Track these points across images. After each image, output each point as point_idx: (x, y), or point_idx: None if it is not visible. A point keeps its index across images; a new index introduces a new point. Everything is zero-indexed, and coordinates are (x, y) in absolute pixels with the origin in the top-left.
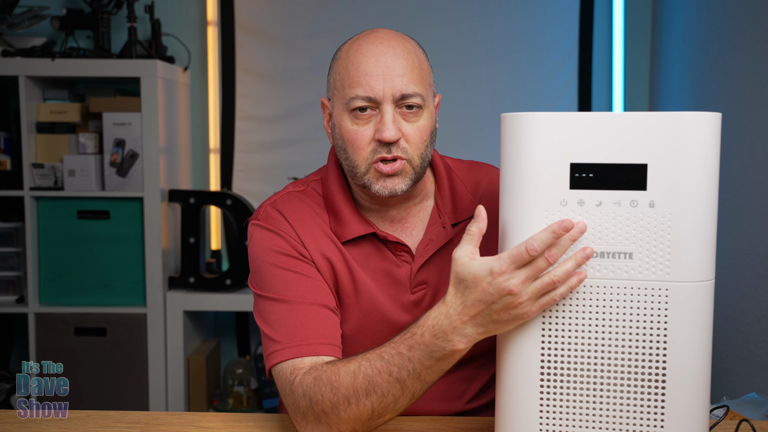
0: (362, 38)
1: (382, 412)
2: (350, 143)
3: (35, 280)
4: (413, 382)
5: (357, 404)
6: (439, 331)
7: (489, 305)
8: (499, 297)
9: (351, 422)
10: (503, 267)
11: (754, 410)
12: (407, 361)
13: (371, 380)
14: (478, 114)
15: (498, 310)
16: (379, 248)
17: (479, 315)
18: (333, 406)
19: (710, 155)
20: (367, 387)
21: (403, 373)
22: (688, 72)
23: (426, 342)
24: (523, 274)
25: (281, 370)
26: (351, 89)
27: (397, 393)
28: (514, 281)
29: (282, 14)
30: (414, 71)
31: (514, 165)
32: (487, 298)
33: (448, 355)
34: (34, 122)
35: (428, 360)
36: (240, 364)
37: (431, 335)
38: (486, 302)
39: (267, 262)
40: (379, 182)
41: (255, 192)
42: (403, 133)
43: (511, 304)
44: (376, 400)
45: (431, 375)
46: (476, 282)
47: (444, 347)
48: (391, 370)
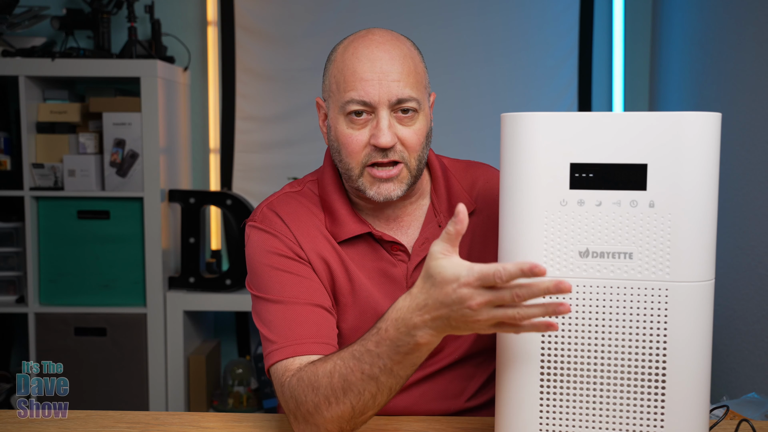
0: (357, 40)
1: (362, 409)
2: (345, 147)
3: (35, 280)
4: (387, 378)
5: (337, 404)
6: (402, 325)
7: (449, 310)
8: (459, 307)
9: (335, 421)
10: (470, 279)
11: (754, 410)
12: (377, 358)
13: (346, 379)
14: (478, 114)
15: (456, 318)
16: (375, 248)
17: (439, 318)
18: (316, 407)
19: (710, 155)
20: (344, 386)
21: (375, 369)
22: (688, 72)
23: (391, 337)
24: (486, 296)
25: (276, 371)
26: (346, 93)
27: (373, 390)
28: (477, 299)
29: (282, 14)
30: (410, 75)
31: (514, 165)
32: (448, 303)
33: (414, 349)
34: (34, 122)
35: (396, 355)
36: (240, 364)
37: (395, 329)
38: (447, 306)
39: (263, 264)
40: (373, 188)
41: (255, 192)
42: (400, 137)
43: (469, 318)
44: (354, 398)
45: (403, 369)
46: (443, 284)
47: (408, 342)
48: (363, 368)
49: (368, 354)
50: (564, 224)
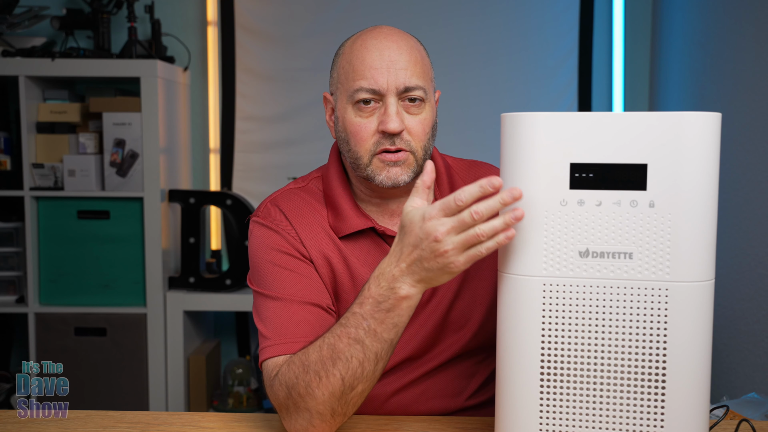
0: (366, 34)
1: (352, 381)
2: (353, 135)
3: (35, 280)
4: (371, 341)
5: (327, 376)
6: (382, 279)
7: (420, 250)
8: (428, 243)
9: (327, 400)
10: (433, 213)
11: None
12: (361, 319)
13: (334, 347)
14: (478, 114)
15: (427, 257)
16: (378, 242)
17: (414, 262)
18: (307, 386)
19: (710, 155)
20: (332, 355)
21: (360, 332)
22: (688, 72)
23: (373, 294)
24: (449, 222)
25: (266, 367)
26: (355, 82)
27: (359, 355)
28: (441, 228)
29: (282, 14)
30: (417, 65)
31: (514, 165)
32: (417, 243)
33: (396, 305)
34: (34, 122)
35: (378, 312)
36: (240, 364)
37: (376, 285)
38: (417, 246)
39: (265, 260)
40: (383, 173)
41: (255, 192)
42: (406, 125)
43: (437, 251)
44: (342, 367)
45: (386, 331)
46: (411, 226)
47: (389, 296)
48: (349, 332)
49: (353, 316)
50: (564, 224)
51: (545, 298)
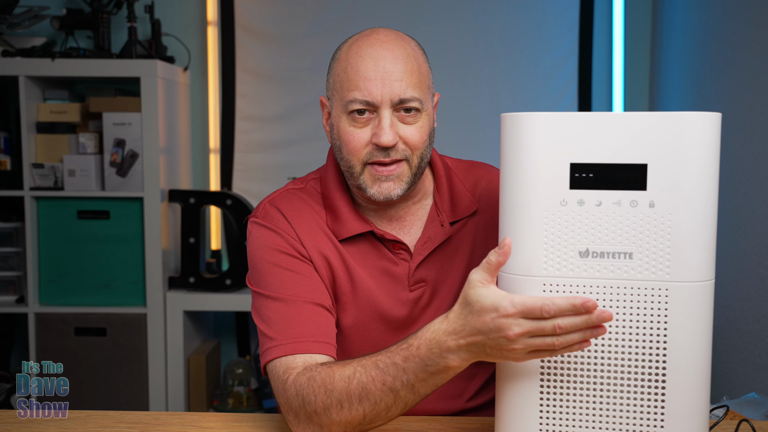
0: (362, 39)
1: (373, 418)
2: (346, 144)
3: (35, 280)
4: (406, 393)
5: (350, 409)
6: (435, 346)
7: (486, 337)
8: (497, 335)
9: (342, 425)
10: (510, 310)
11: (754, 410)
12: (402, 372)
13: (365, 387)
14: (478, 114)
15: (491, 346)
16: (377, 246)
17: (474, 344)
18: (326, 408)
19: (710, 155)
20: (361, 393)
21: (397, 383)
22: (688, 72)
23: (422, 355)
24: (526, 326)
25: (274, 367)
26: (349, 92)
27: (389, 402)
28: (516, 330)
29: (282, 14)
30: (413, 75)
31: (514, 165)
32: (485, 331)
33: (442, 371)
34: (34, 122)
35: (422, 373)
36: (240, 364)
37: (427, 349)
38: (483, 334)
39: (264, 260)
40: (374, 186)
41: (255, 192)
42: (401, 136)
43: (504, 346)
44: (368, 407)
45: (425, 387)
46: (481, 312)
47: (438, 363)
48: (385, 380)
49: (394, 367)
50: (564, 224)
51: None
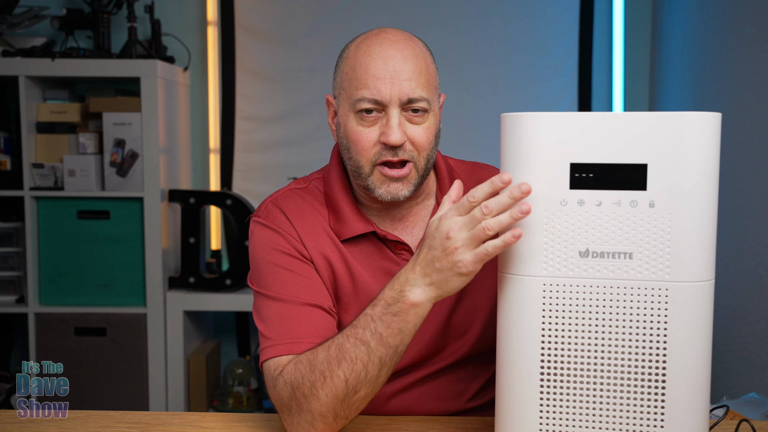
0: (371, 38)
1: (355, 384)
2: (355, 143)
3: (35, 280)
4: (377, 344)
5: (331, 377)
6: (396, 282)
7: (433, 250)
8: (440, 240)
9: (330, 402)
10: (448, 213)
11: (754, 410)
12: (370, 320)
13: (341, 347)
14: (478, 114)
15: (439, 256)
16: (379, 247)
17: (427, 264)
18: (312, 386)
19: (710, 155)
20: (338, 354)
21: (366, 333)
22: (688, 72)
23: (385, 297)
24: (461, 220)
25: (268, 367)
26: (358, 91)
27: (364, 358)
28: (453, 225)
29: (282, 14)
30: (421, 75)
31: (514, 165)
32: (432, 243)
33: (403, 309)
34: (34, 122)
35: (386, 315)
36: (240, 364)
37: (389, 288)
38: (431, 247)
39: (266, 260)
40: (382, 186)
41: (255, 192)
42: (409, 136)
43: (448, 248)
44: (346, 368)
45: (392, 336)
46: (429, 231)
47: (398, 299)
48: (357, 332)
49: (363, 317)
50: (564, 224)
51: (545, 299)
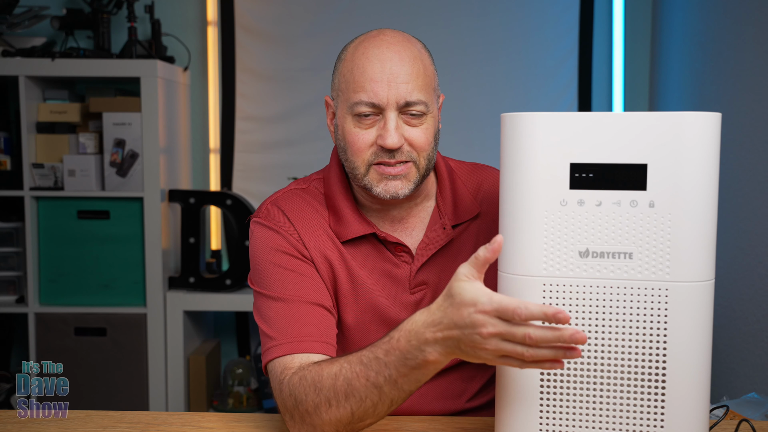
0: (368, 40)
1: (362, 416)
2: (351, 145)
3: (35, 280)
4: (390, 389)
5: (337, 407)
6: (414, 338)
7: (461, 332)
8: (471, 331)
9: (333, 424)
10: (486, 307)
11: (754, 410)
12: (384, 367)
13: (350, 384)
14: (478, 114)
15: (465, 342)
16: (379, 248)
17: (450, 338)
18: (316, 407)
19: (710, 155)
20: (347, 390)
21: (380, 378)
22: (688, 72)
23: (401, 348)
24: (499, 327)
25: (273, 367)
26: (355, 94)
27: (375, 398)
28: (490, 328)
29: (282, 14)
30: (419, 78)
31: (514, 165)
32: (461, 325)
33: (422, 365)
34: (34, 122)
35: (403, 367)
36: (240, 364)
37: (406, 341)
38: (459, 328)
39: (266, 260)
40: (380, 185)
41: (255, 192)
42: (407, 138)
43: (477, 344)
44: (355, 404)
45: (408, 383)
46: (461, 305)
47: (417, 356)
48: (369, 375)
49: (376, 361)
50: (564, 224)
51: (545, 298)
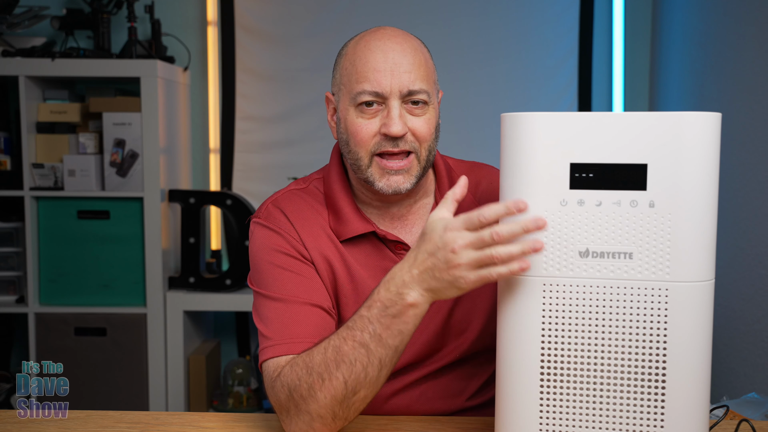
0: (369, 34)
1: (354, 385)
2: (354, 135)
3: (35, 280)
4: (376, 346)
5: (330, 379)
6: (392, 283)
7: (435, 258)
8: (444, 252)
9: (329, 403)
10: (455, 224)
11: (754, 410)
12: (367, 322)
13: (339, 349)
14: (478, 114)
15: (440, 267)
16: (379, 247)
17: (426, 270)
18: (309, 388)
19: (710, 155)
20: (336, 357)
21: (365, 335)
22: (688, 72)
23: (381, 298)
24: (468, 237)
25: (267, 367)
26: (358, 84)
27: (363, 359)
28: (459, 241)
29: (282, 14)
30: (421, 68)
31: (514, 165)
32: (434, 251)
33: (402, 311)
34: (34, 122)
35: (384, 318)
36: (240, 364)
37: (386, 290)
38: (433, 255)
39: (266, 261)
40: (382, 179)
41: (255, 192)
42: (410, 127)
43: (451, 262)
44: (345, 370)
45: (391, 337)
46: (431, 233)
47: (396, 301)
48: (354, 335)
49: (360, 319)
50: (564, 224)
51: (545, 298)
